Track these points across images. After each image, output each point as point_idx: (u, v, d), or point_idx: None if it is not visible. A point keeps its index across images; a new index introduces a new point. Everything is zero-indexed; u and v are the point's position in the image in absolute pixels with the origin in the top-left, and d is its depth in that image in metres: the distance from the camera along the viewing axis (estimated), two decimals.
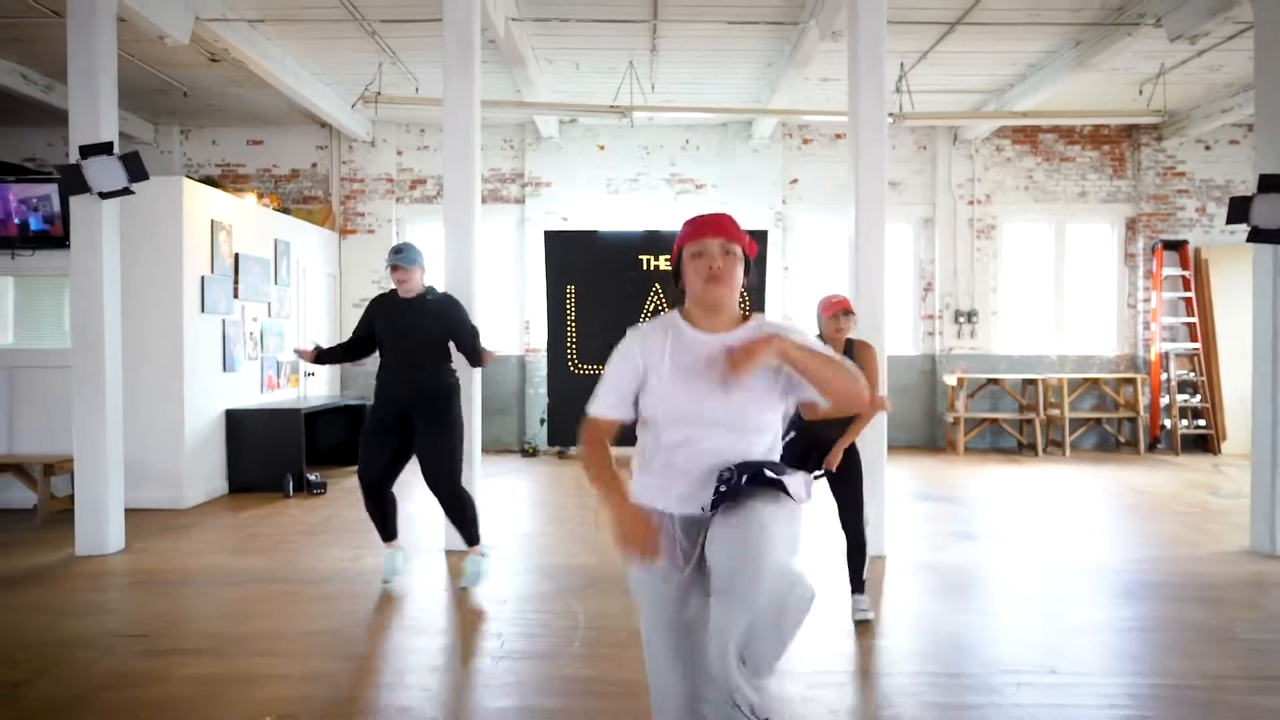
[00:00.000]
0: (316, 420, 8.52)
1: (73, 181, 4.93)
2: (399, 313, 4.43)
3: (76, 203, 5.07)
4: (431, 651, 3.62)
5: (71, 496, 6.48)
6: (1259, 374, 5.34)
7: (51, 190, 6.45)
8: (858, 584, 3.98)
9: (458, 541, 4.66)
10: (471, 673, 3.39)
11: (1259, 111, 5.22)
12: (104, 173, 4.94)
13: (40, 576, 4.71)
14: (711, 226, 1.96)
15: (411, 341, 4.40)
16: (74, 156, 4.99)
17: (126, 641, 3.66)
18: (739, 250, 1.96)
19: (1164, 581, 4.66)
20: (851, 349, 3.84)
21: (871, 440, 5.17)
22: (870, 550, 4.74)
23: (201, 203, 6.97)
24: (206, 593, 4.46)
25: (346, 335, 10.10)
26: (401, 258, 4.37)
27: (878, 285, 5.23)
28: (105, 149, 4.97)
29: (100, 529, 5.19)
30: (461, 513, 4.47)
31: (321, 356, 4.49)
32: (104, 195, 4.98)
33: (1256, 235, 5.05)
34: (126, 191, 5.03)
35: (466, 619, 4.05)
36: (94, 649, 3.55)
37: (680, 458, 1.93)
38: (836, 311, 3.82)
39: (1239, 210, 5.09)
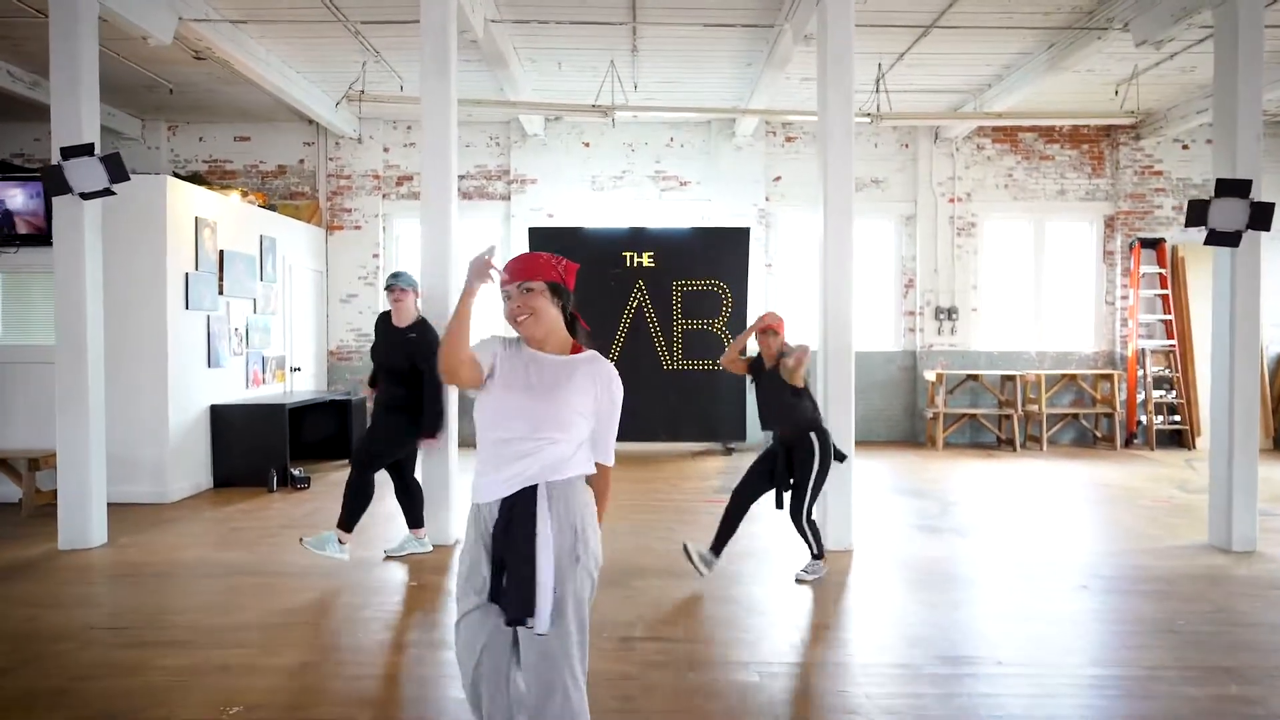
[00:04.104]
0: (303, 415, 8.63)
1: (55, 182, 5.03)
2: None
3: (59, 203, 5.16)
4: (398, 645, 3.74)
5: (56, 491, 6.61)
6: (1217, 374, 5.48)
7: (33, 188, 6.54)
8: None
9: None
10: (438, 665, 3.50)
11: (1216, 117, 5.32)
12: (85, 174, 5.03)
13: (24, 570, 4.82)
14: (510, 271, 2.12)
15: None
16: (55, 157, 5.08)
17: (106, 634, 3.78)
18: (540, 285, 2.11)
19: (1120, 575, 4.81)
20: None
21: (838, 440, 5.31)
22: (838, 545, 5.10)
23: (185, 200, 7.05)
24: (187, 586, 4.58)
25: (333, 330, 10.34)
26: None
27: (846, 284, 5.34)
28: (86, 150, 5.06)
29: (83, 523, 5.30)
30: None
31: None
32: (85, 196, 5.08)
33: (1213, 238, 5.18)
34: (108, 192, 5.12)
35: (430, 608, 4.16)
36: (75, 641, 3.67)
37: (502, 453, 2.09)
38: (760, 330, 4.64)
39: (1198, 213, 5.21)
